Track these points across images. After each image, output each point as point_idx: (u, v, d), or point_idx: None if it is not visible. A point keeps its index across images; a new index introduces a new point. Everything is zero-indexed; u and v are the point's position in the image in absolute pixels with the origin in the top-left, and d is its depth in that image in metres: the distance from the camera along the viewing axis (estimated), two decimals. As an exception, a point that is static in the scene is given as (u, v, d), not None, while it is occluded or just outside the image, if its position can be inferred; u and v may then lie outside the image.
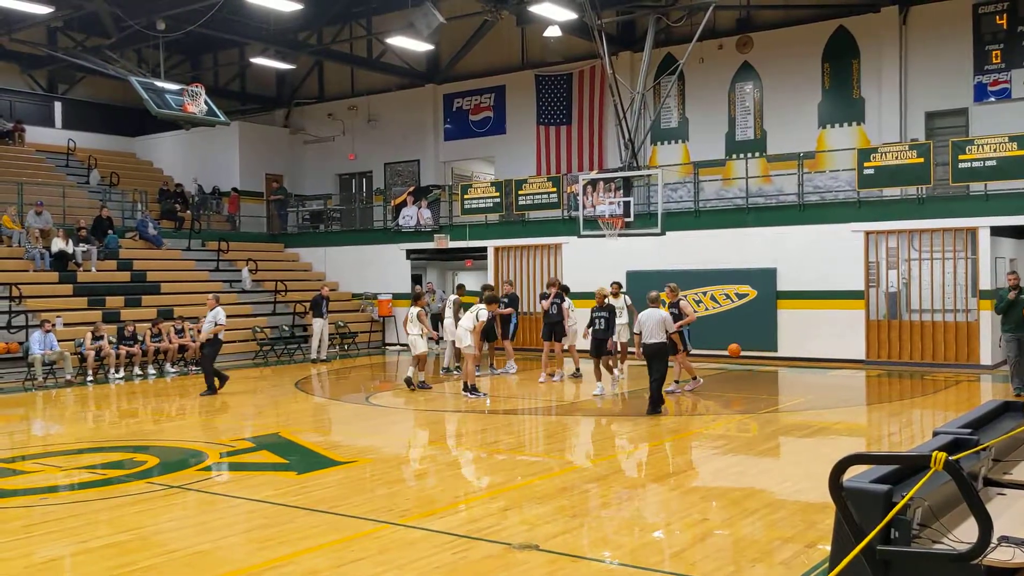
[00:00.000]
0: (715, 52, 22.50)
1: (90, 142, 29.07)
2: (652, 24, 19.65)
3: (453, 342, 16.77)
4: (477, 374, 16.56)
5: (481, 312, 14.35)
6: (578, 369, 16.92)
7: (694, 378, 14.57)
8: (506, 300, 18.14)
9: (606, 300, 14.89)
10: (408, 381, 15.13)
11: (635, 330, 12.60)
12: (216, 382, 15.24)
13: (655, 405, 12.08)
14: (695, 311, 15.21)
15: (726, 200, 21.50)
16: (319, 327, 21.05)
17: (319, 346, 21.16)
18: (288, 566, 5.97)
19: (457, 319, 15.71)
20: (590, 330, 14.68)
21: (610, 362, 15.30)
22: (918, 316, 17.98)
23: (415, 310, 14.91)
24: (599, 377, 14.39)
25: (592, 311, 14.59)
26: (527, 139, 25.50)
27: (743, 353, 18.70)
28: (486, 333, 16.20)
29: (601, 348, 14.42)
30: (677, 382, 14.48)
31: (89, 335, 17.86)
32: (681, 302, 14.24)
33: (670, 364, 12.94)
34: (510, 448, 10.69)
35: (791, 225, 19.05)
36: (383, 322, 25.09)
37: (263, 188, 29.14)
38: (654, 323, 12.04)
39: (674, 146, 23.49)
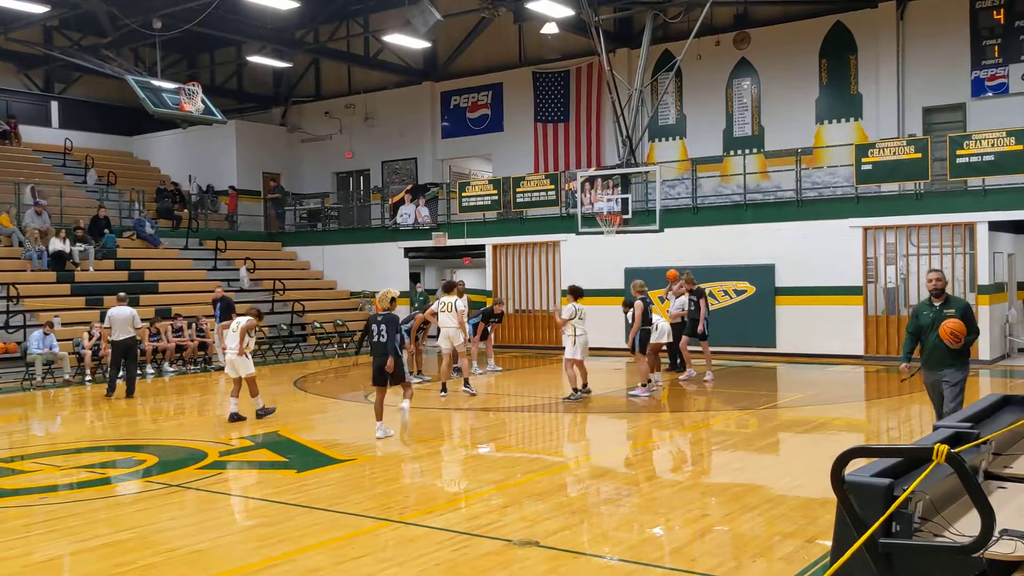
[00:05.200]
0: (713, 49, 22.49)
1: (87, 141, 29.01)
2: (650, 21, 19.64)
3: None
4: (478, 372, 16.59)
5: (458, 303, 14.05)
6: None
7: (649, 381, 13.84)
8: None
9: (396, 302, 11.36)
10: (235, 416, 11.98)
11: (672, 310, 15.96)
12: (120, 384, 14.97)
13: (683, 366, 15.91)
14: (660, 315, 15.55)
15: (724, 197, 21.50)
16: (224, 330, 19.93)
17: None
18: (287, 564, 5.96)
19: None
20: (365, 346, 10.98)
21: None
22: (916, 311, 17.97)
23: (245, 320, 12.26)
24: (380, 416, 10.57)
25: (370, 320, 10.74)
26: (525, 136, 25.48)
27: (743, 349, 18.79)
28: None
29: (393, 373, 10.31)
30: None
31: (86, 335, 17.83)
32: (636, 302, 13.63)
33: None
34: (509, 445, 10.68)
35: (789, 221, 19.05)
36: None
37: (260, 187, 29.12)
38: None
39: (672, 143, 23.49)
